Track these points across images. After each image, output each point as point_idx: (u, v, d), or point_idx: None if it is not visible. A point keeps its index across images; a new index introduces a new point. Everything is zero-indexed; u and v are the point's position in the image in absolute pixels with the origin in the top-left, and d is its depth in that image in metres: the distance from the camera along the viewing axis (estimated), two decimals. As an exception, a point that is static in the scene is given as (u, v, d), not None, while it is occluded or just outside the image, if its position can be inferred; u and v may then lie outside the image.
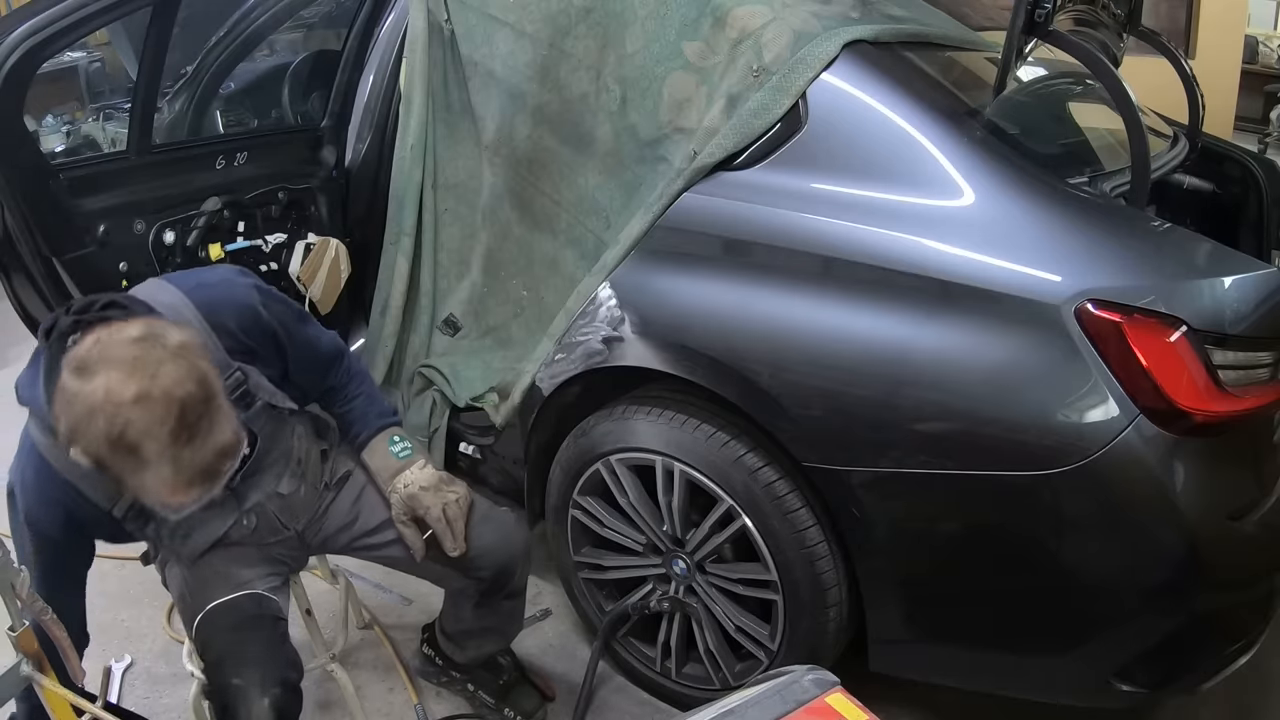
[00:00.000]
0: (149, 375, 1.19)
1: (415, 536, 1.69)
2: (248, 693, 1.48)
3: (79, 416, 1.20)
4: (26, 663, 1.46)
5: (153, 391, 1.19)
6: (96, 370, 1.20)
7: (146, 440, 1.20)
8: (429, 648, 2.13)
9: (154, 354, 1.21)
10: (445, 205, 2.45)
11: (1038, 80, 2.19)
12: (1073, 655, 1.60)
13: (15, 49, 1.95)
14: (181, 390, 1.21)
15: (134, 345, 1.22)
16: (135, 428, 1.19)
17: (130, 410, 1.18)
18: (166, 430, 1.20)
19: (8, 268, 2.19)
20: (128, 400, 1.18)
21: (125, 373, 1.19)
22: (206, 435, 1.24)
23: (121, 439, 1.19)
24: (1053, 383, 1.49)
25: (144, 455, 1.20)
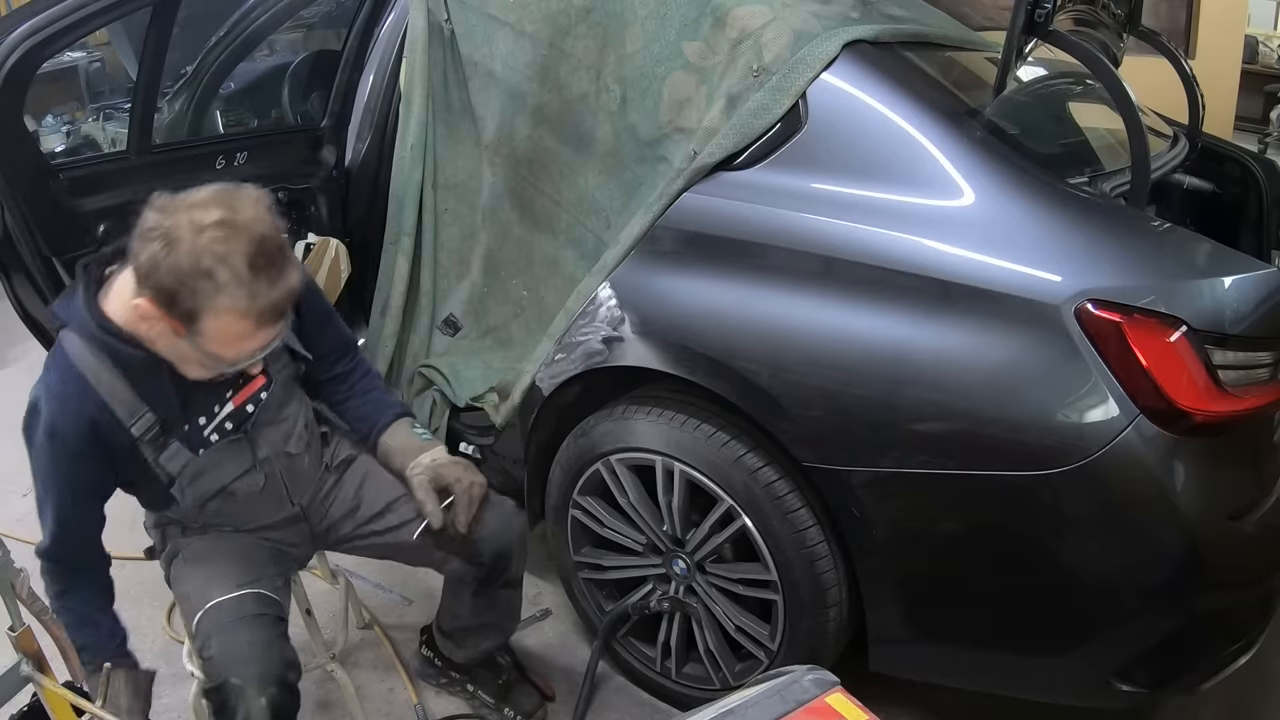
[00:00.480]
0: (230, 208, 1.31)
1: (436, 504, 1.70)
2: (245, 691, 1.47)
3: (160, 243, 1.29)
4: (26, 663, 1.47)
5: (236, 221, 1.30)
6: (178, 208, 1.31)
7: (225, 265, 1.29)
8: (428, 649, 2.13)
9: (233, 197, 1.34)
10: (445, 205, 2.45)
11: (1038, 80, 2.20)
12: (1073, 655, 1.60)
13: (15, 49, 1.95)
14: (260, 226, 1.33)
15: (215, 191, 1.34)
16: (216, 250, 1.28)
17: (213, 232, 1.29)
18: (245, 256, 1.30)
19: (8, 268, 2.19)
20: (210, 224, 1.29)
21: (207, 206, 1.31)
22: (280, 273, 1.35)
23: (200, 263, 1.28)
24: (1053, 383, 1.49)
25: (221, 280, 1.29)
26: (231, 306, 1.32)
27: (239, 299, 1.32)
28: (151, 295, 1.33)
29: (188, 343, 1.38)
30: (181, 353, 1.44)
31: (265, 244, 1.32)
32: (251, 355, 1.42)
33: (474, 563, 1.79)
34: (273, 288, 1.34)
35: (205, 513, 1.66)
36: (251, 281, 1.31)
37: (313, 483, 1.77)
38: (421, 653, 2.15)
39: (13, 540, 1.70)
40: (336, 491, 1.80)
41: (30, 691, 1.52)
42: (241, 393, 1.60)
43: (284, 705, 1.52)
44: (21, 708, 1.64)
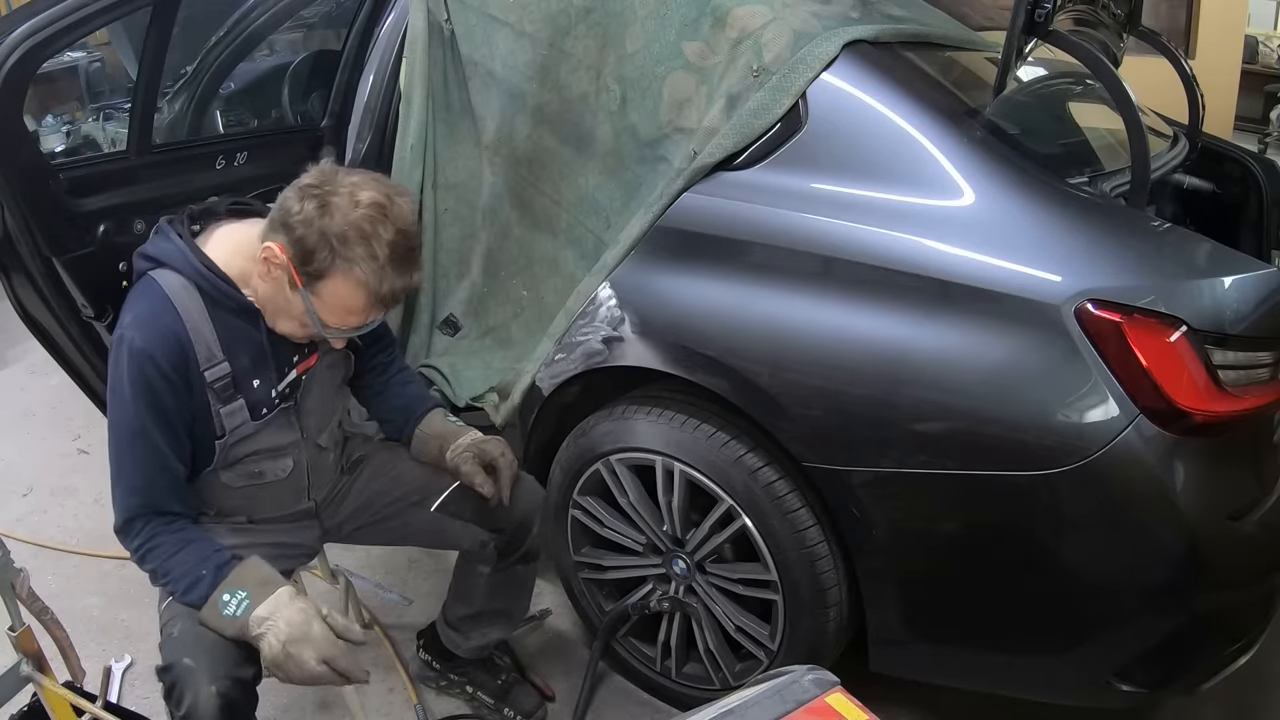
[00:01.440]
0: (387, 196, 1.44)
1: (485, 477, 1.74)
2: (195, 676, 1.40)
3: (317, 203, 1.41)
4: (26, 663, 1.47)
5: (389, 208, 1.43)
6: (339, 179, 1.45)
7: (368, 242, 1.41)
8: (425, 652, 2.13)
9: (390, 188, 1.47)
10: (445, 205, 2.45)
11: (1038, 80, 2.19)
12: (1073, 655, 1.61)
13: (15, 49, 1.94)
14: (407, 220, 1.46)
15: (374, 177, 1.49)
16: (365, 228, 1.41)
17: (368, 210, 1.42)
18: (389, 242, 1.42)
19: (8, 268, 2.18)
20: (367, 202, 1.42)
21: (366, 186, 1.44)
22: (410, 267, 1.47)
23: (348, 232, 1.40)
24: (1053, 383, 1.49)
25: (359, 254, 1.41)
26: (361, 280, 1.43)
27: (369, 276, 1.42)
28: (290, 244, 1.43)
29: (301, 297, 1.46)
30: (287, 304, 1.50)
31: (407, 237, 1.45)
32: (351, 329, 1.52)
33: (496, 530, 1.81)
34: (399, 277, 1.45)
35: (229, 493, 1.65)
36: (386, 264, 1.42)
37: (331, 481, 1.80)
38: (420, 656, 2.15)
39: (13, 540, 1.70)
40: (350, 489, 1.82)
41: (30, 691, 1.52)
42: (305, 363, 1.65)
43: (235, 700, 1.43)
44: (21, 708, 1.64)
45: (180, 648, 1.44)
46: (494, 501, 1.74)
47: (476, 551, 1.85)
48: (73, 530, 2.69)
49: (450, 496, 1.79)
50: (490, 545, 1.83)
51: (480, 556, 1.86)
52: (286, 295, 1.48)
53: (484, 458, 1.75)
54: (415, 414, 1.83)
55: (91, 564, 2.49)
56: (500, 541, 1.83)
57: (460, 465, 1.75)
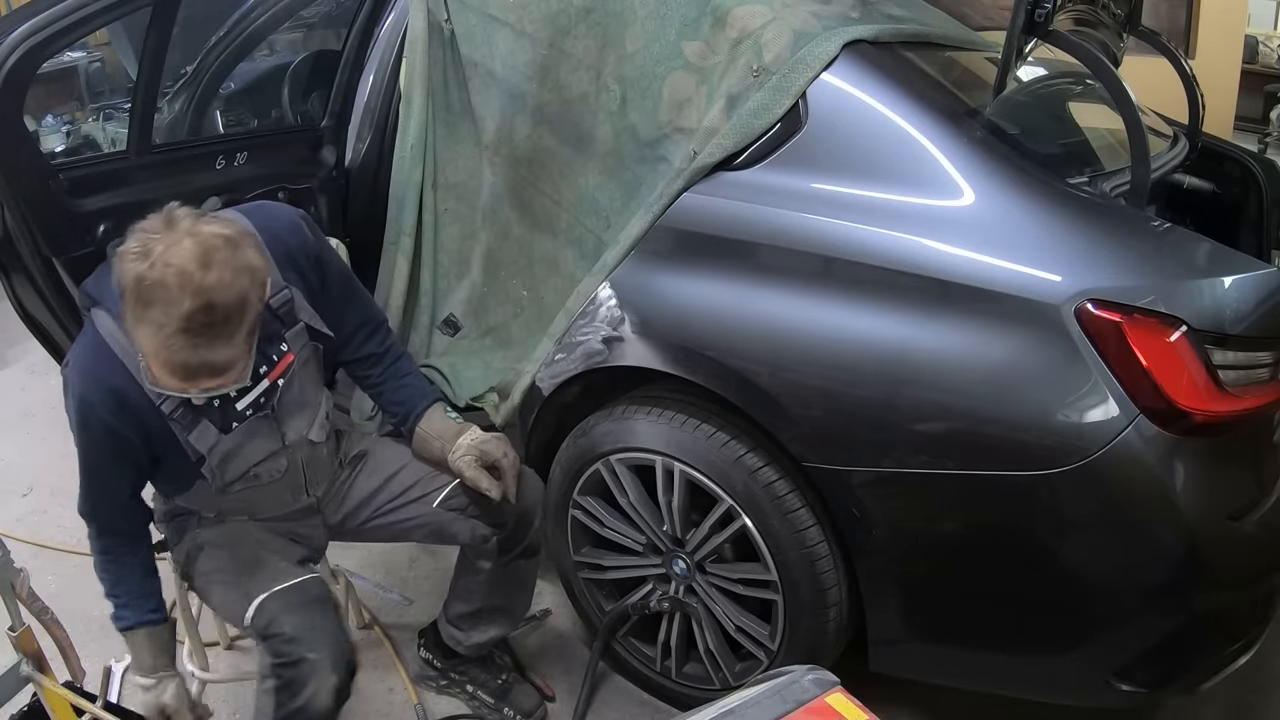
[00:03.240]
0: (203, 265, 1.27)
1: (490, 479, 1.74)
2: (320, 667, 1.51)
3: (136, 248, 1.29)
4: (26, 663, 1.47)
5: (197, 280, 1.27)
6: (176, 230, 1.30)
7: (160, 305, 1.27)
8: (426, 651, 2.13)
9: (221, 255, 1.30)
10: (445, 205, 2.45)
11: (1038, 80, 2.19)
12: (1073, 655, 1.61)
13: (15, 49, 1.94)
14: (219, 295, 1.28)
15: (214, 239, 1.30)
16: (158, 294, 1.26)
17: (166, 273, 1.27)
18: (181, 312, 1.26)
19: (8, 268, 2.19)
20: (176, 265, 1.27)
21: (188, 251, 1.28)
22: (209, 343, 1.30)
23: (140, 292, 1.27)
24: (1053, 383, 1.49)
25: (148, 315, 1.27)
26: (146, 346, 1.31)
27: (155, 344, 1.29)
28: (118, 277, 1.32)
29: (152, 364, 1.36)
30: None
31: (211, 313, 1.28)
32: (190, 394, 1.40)
33: (497, 524, 1.81)
34: (192, 351, 1.29)
35: (227, 498, 1.67)
36: (173, 336, 1.27)
37: (329, 475, 1.80)
38: (420, 655, 2.15)
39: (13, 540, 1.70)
40: (350, 484, 1.83)
41: (30, 691, 1.52)
42: (275, 370, 1.61)
43: (346, 690, 1.56)
44: (21, 708, 1.64)
45: (299, 644, 1.53)
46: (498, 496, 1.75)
47: (478, 547, 1.85)
48: (73, 530, 2.69)
49: (452, 492, 1.80)
50: (492, 540, 1.83)
51: (482, 552, 1.87)
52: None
53: (486, 459, 1.76)
54: (415, 410, 1.81)
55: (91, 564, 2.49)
56: (502, 536, 1.83)
57: (463, 470, 1.75)
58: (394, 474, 1.83)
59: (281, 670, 1.53)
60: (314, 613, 1.58)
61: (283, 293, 1.57)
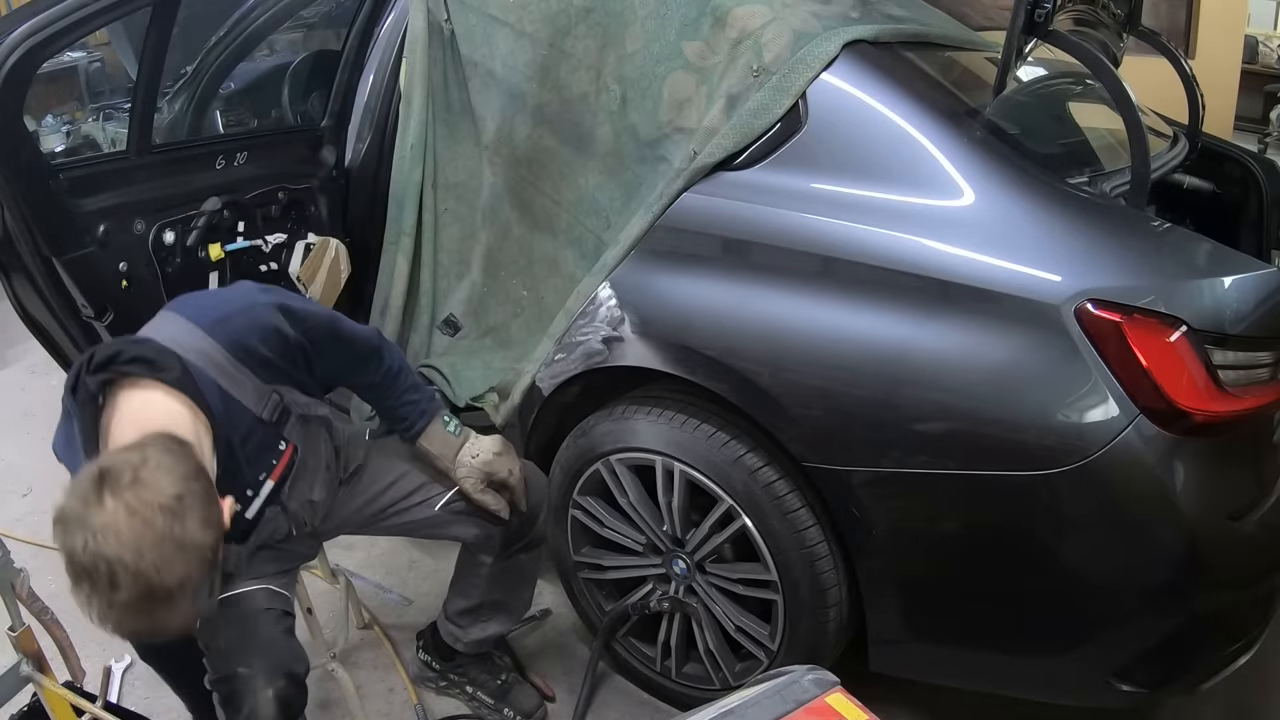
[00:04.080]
0: (137, 552, 1.12)
1: (498, 500, 1.75)
2: (253, 681, 1.48)
3: (71, 504, 1.15)
4: (26, 663, 1.47)
5: (132, 568, 1.12)
6: (100, 508, 1.13)
7: (96, 589, 1.14)
8: (425, 652, 2.13)
9: (159, 531, 1.13)
10: (445, 205, 2.45)
11: (1038, 80, 2.19)
12: (1072, 655, 1.61)
13: (15, 49, 1.94)
14: (159, 579, 1.14)
15: (152, 512, 1.14)
16: (93, 575, 1.13)
17: (98, 561, 1.12)
18: (118, 599, 1.14)
19: (8, 268, 2.19)
20: (103, 555, 1.12)
21: (124, 535, 1.12)
22: (152, 617, 1.17)
23: (75, 564, 1.14)
24: (1053, 383, 1.49)
25: (82, 591, 1.15)
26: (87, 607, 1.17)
27: (93, 611, 1.16)
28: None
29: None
30: None
31: (152, 596, 1.14)
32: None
33: (502, 521, 1.80)
34: (135, 622, 1.18)
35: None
36: (108, 613, 1.16)
37: (328, 507, 1.74)
38: (419, 656, 2.15)
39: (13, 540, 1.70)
40: (348, 500, 1.79)
41: (30, 691, 1.52)
42: (277, 468, 1.56)
43: (291, 698, 1.52)
44: (21, 708, 1.64)
45: (231, 658, 1.49)
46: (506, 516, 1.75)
47: (481, 543, 1.85)
48: (73, 530, 2.69)
49: (453, 497, 1.78)
50: (495, 537, 1.83)
51: (484, 547, 1.86)
52: None
53: (491, 480, 1.74)
54: (414, 429, 1.74)
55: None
56: (506, 532, 1.83)
57: (470, 493, 1.74)
58: (392, 483, 1.80)
59: (218, 685, 1.51)
60: (250, 623, 1.53)
61: (271, 399, 1.48)
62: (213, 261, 2.50)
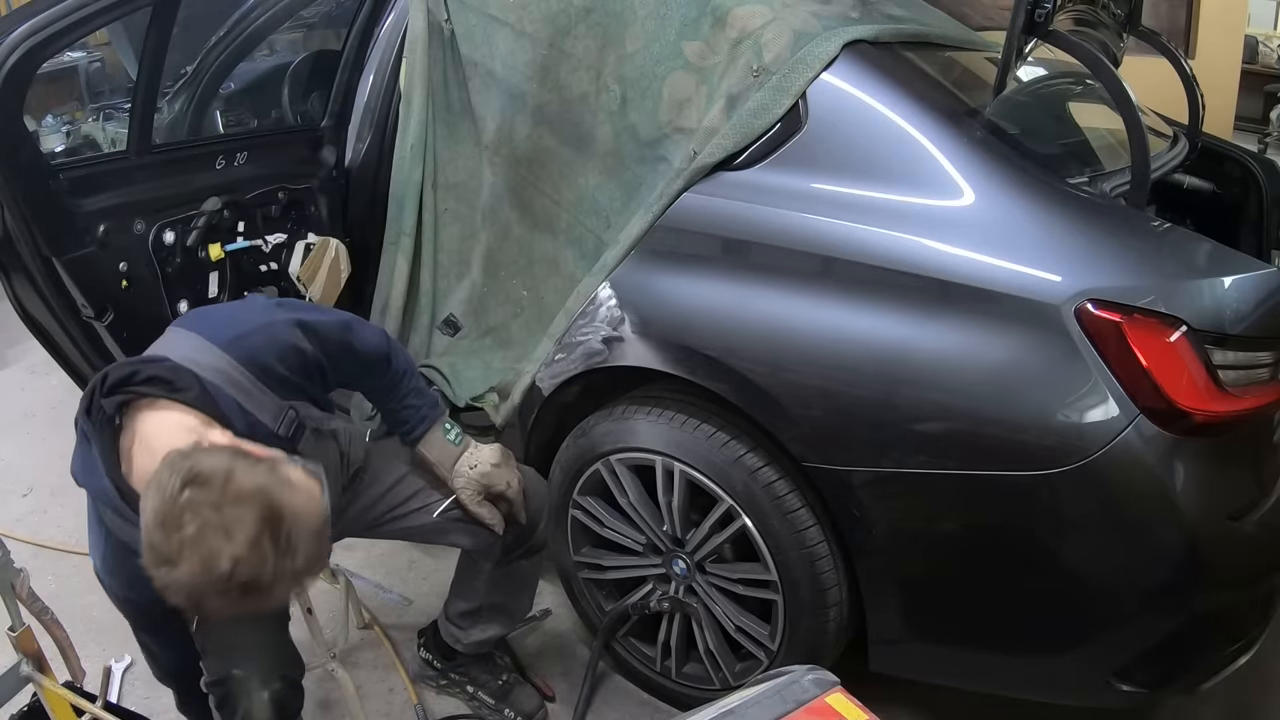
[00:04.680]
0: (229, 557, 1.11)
1: (494, 513, 1.73)
2: (248, 684, 1.48)
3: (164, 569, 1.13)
4: (26, 663, 1.47)
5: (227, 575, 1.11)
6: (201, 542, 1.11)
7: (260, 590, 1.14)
8: (426, 651, 2.13)
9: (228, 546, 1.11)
10: (445, 205, 2.45)
11: (1038, 80, 2.19)
12: (1073, 655, 1.61)
13: (15, 49, 1.94)
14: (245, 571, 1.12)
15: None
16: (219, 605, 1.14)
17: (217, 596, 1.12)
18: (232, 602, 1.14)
19: (8, 268, 2.19)
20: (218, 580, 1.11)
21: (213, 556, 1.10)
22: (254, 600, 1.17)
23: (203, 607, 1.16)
24: (1053, 383, 1.49)
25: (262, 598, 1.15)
26: (287, 593, 1.21)
27: (291, 587, 1.21)
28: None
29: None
30: None
31: (274, 542, 1.14)
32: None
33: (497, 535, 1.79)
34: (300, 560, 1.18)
35: None
36: (290, 576, 1.17)
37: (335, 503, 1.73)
38: (420, 655, 2.15)
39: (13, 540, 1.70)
40: (352, 502, 1.78)
41: (30, 691, 1.52)
42: None
43: (287, 700, 1.52)
44: (21, 708, 1.64)
45: (226, 660, 1.49)
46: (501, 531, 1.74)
47: (483, 549, 1.85)
48: (73, 530, 2.69)
49: (452, 504, 1.76)
50: (495, 546, 1.83)
51: (485, 553, 1.86)
52: None
53: (489, 492, 1.73)
54: (414, 434, 1.73)
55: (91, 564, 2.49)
56: (507, 540, 1.82)
57: (465, 504, 1.73)
58: (392, 486, 1.79)
59: (214, 688, 1.51)
60: (244, 626, 1.52)
61: (287, 415, 1.47)
62: (213, 261, 2.50)
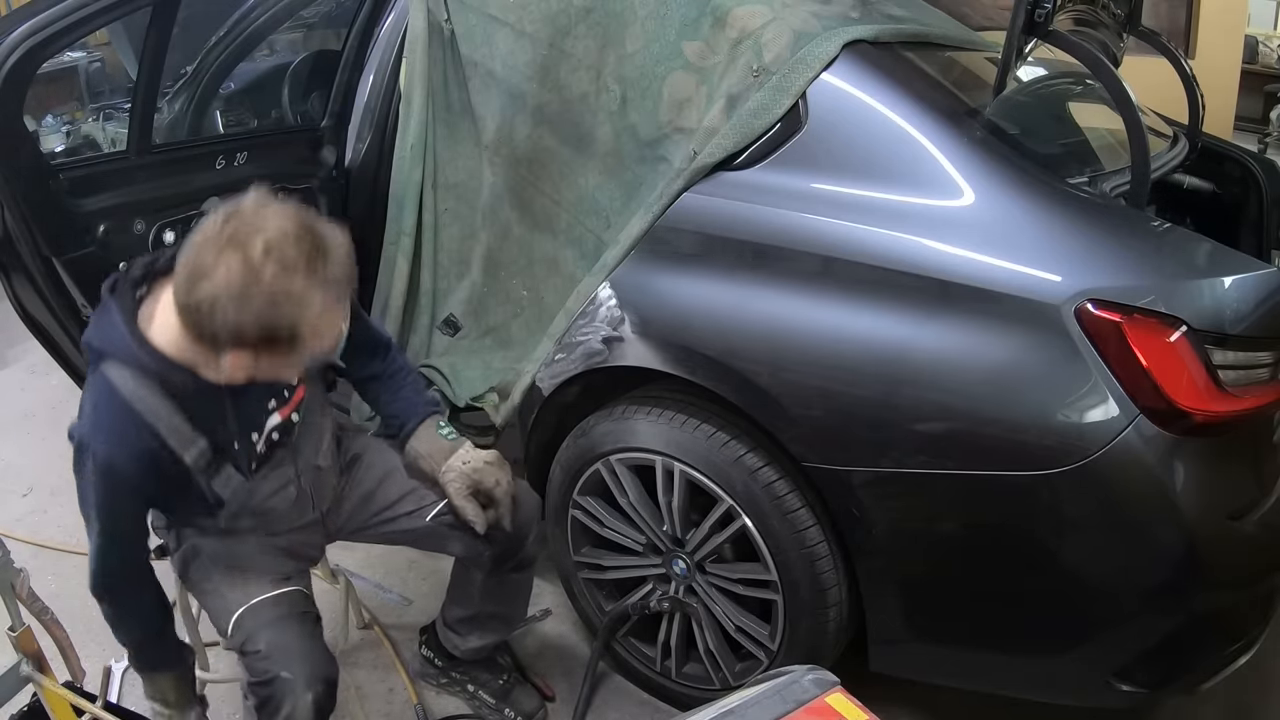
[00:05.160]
0: (256, 226, 1.26)
1: (477, 510, 1.72)
2: (294, 685, 1.50)
3: (232, 304, 1.24)
4: (26, 663, 1.47)
5: (274, 240, 1.26)
6: (221, 255, 1.25)
7: (299, 289, 1.26)
8: (428, 649, 2.13)
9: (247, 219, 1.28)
10: (445, 205, 2.45)
11: (1038, 80, 2.19)
12: (1072, 655, 1.61)
13: (15, 49, 1.94)
14: (287, 226, 1.28)
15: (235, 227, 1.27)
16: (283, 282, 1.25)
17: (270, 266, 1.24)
18: (304, 263, 1.26)
19: (8, 268, 2.19)
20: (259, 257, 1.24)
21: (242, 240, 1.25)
22: (327, 258, 1.30)
23: (278, 300, 1.25)
24: (1053, 383, 1.49)
25: (305, 300, 1.27)
26: (322, 308, 1.30)
27: (325, 299, 1.30)
28: (247, 346, 1.29)
29: (291, 359, 1.35)
30: (275, 372, 1.41)
31: (303, 242, 1.28)
32: (342, 331, 1.49)
33: (489, 540, 1.79)
34: (324, 288, 1.31)
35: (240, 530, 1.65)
36: (324, 281, 1.30)
37: (333, 490, 1.78)
38: (421, 653, 2.15)
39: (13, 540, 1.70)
40: (348, 490, 1.81)
41: (30, 691, 1.52)
42: (287, 406, 1.61)
43: (326, 704, 1.55)
44: (21, 708, 1.64)
45: (273, 662, 1.52)
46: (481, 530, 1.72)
47: (473, 558, 1.85)
48: (73, 530, 2.69)
49: (444, 509, 1.77)
50: (485, 554, 1.82)
51: (476, 563, 1.86)
52: (274, 367, 1.38)
53: (476, 488, 1.72)
54: (405, 428, 1.77)
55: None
56: (496, 551, 1.82)
57: (452, 498, 1.72)
58: (385, 483, 1.80)
59: (257, 688, 1.53)
60: (289, 628, 1.56)
61: None
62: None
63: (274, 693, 1.51)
